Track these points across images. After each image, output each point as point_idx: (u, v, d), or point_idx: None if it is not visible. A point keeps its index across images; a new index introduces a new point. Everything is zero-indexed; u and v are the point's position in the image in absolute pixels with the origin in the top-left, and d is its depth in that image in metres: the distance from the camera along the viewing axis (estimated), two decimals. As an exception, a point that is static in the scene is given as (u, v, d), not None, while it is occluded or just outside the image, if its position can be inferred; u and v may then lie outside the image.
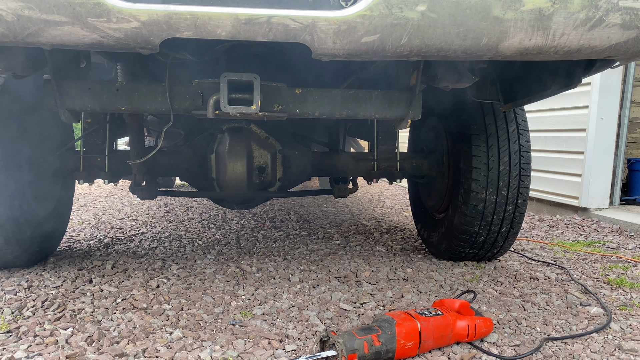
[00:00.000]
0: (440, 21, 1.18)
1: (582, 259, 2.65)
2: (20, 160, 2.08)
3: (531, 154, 2.27)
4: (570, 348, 1.51)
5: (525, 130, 2.27)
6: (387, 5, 1.14)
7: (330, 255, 2.60)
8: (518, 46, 1.24)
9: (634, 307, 1.89)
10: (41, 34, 1.17)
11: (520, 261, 2.57)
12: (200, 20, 1.16)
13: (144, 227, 3.35)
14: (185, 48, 1.71)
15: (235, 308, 1.79)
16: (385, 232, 3.28)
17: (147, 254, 2.55)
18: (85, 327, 1.59)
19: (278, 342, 1.50)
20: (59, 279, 2.08)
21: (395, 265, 2.39)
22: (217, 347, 1.46)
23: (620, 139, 4.06)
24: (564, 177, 4.27)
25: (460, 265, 2.42)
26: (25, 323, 1.61)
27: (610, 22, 1.20)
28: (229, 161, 2.24)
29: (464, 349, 1.49)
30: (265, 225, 3.50)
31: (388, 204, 4.91)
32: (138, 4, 1.13)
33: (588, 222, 3.83)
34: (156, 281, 2.07)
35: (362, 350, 1.30)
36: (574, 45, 1.25)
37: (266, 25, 1.17)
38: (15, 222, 2.03)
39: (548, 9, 1.18)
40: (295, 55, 1.74)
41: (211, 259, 2.47)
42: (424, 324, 1.41)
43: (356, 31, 1.18)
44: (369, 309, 1.80)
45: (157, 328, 1.59)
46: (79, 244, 2.79)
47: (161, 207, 4.33)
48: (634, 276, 2.31)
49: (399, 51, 1.24)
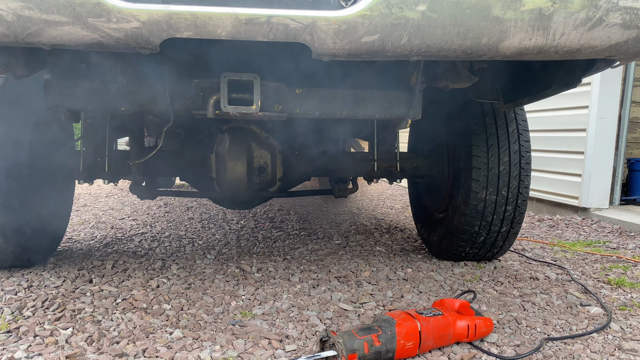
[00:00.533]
0: (440, 21, 1.18)
1: (582, 259, 2.65)
2: (20, 160, 2.08)
3: (531, 154, 2.27)
4: (570, 348, 1.51)
5: (525, 130, 2.27)
6: (387, 5, 1.14)
7: (330, 255, 2.59)
8: (518, 46, 1.24)
9: (634, 307, 1.89)
10: (41, 34, 1.17)
11: (520, 261, 2.57)
12: (200, 20, 1.16)
13: (144, 227, 3.35)
14: (186, 48, 1.71)
15: (235, 308, 1.79)
16: (385, 232, 3.28)
17: (147, 254, 2.55)
18: (85, 327, 1.58)
19: (278, 342, 1.50)
20: (59, 279, 2.08)
21: (395, 265, 2.39)
22: (217, 347, 1.46)
23: (620, 139, 4.06)
24: (564, 177, 4.27)
25: (460, 265, 2.42)
26: (25, 323, 1.61)
27: (610, 22, 1.20)
28: (229, 161, 2.24)
29: (464, 349, 1.49)
30: (265, 225, 3.50)
31: (388, 204, 4.91)
32: (138, 4, 1.13)
33: (588, 222, 3.83)
34: (156, 281, 2.06)
35: (362, 350, 1.30)
36: (574, 45, 1.25)
37: (266, 25, 1.17)
38: (15, 222, 2.03)
39: (548, 9, 1.18)
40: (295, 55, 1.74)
41: (211, 259, 2.47)
42: (424, 324, 1.41)
43: (356, 31, 1.18)
44: (369, 309, 1.80)
45: (157, 328, 1.59)
46: (79, 244, 2.79)
47: (161, 207, 4.33)
48: (634, 276, 2.30)
49: (399, 51, 1.24)
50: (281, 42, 1.24)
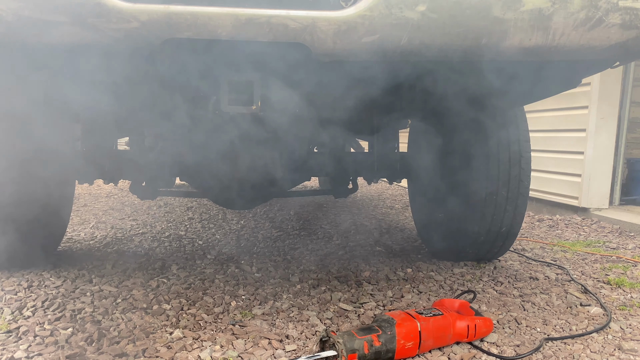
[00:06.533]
0: (440, 21, 1.18)
1: (582, 259, 2.65)
2: (19, 159, 2.08)
3: (531, 154, 2.26)
4: (570, 348, 1.52)
5: (525, 130, 2.27)
6: (387, 5, 1.14)
7: (330, 255, 2.59)
8: (518, 46, 1.24)
9: (633, 307, 1.89)
10: (41, 34, 1.17)
11: (520, 261, 2.57)
12: (200, 21, 1.16)
13: (144, 227, 3.35)
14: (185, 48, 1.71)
15: (235, 308, 1.79)
16: (385, 232, 3.28)
17: (147, 254, 2.55)
18: (85, 327, 1.59)
19: (278, 342, 1.50)
20: (59, 279, 2.08)
21: (395, 265, 2.39)
22: (217, 347, 1.46)
23: (619, 139, 4.06)
24: (564, 177, 4.27)
25: (460, 265, 2.42)
26: (25, 323, 1.61)
27: (610, 22, 1.20)
28: (229, 161, 2.23)
29: (464, 349, 1.49)
30: (265, 225, 3.50)
31: (388, 204, 4.91)
32: (138, 4, 1.13)
33: (588, 222, 3.83)
34: (156, 281, 2.07)
35: (362, 350, 1.30)
36: (574, 45, 1.25)
37: (266, 26, 1.17)
38: (14, 222, 2.03)
39: (548, 9, 1.18)
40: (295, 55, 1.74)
41: (211, 259, 2.47)
42: (424, 324, 1.41)
43: (356, 31, 1.18)
44: (369, 309, 1.80)
45: (157, 328, 1.59)
46: (79, 244, 2.79)
47: (161, 207, 4.33)
48: (633, 276, 2.31)
49: (398, 51, 1.24)
50: (281, 42, 1.24)
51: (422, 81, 1.76)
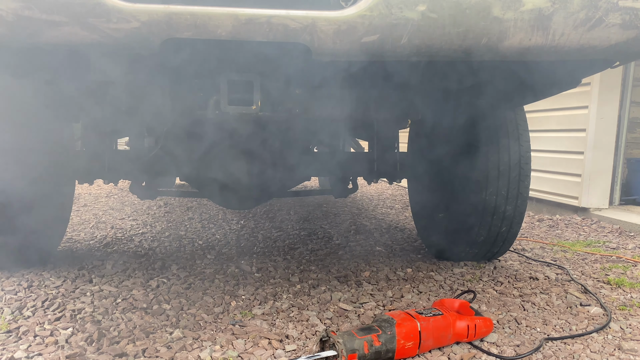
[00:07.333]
0: (440, 21, 1.18)
1: (582, 259, 2.65)
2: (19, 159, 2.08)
3: (531, 154, 2.26)
4: (570, 348, 1.52)
5: (525, 130, 2.27)
6: (387, 5, 1.14)
7: (330, 255, 2.60)
8: (518, 46, 1.24)
9: (633, 307, 1.89)
10: (41, 34, 1.17)
11: (520, 261, 2.57)
12: (200, 21, 1.16)
13: (144, 227, 3.35)
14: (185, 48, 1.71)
15: (235, 308, 1.79)
16: (385, 232, 3.28)
17: (147, 254, 2.55)
18: (85, 327, 1.59)
19: (278, 342, 1.50)
20: (59, 279, 2.08)
21: (395, 265, 2.39)
22: (217, 347, 1.46)
23: (619, 139, 4.06)
24: (564, 177, 4.27)
25: (460, 265, 2.42)
26: (25, 323, 1.61)
27: (610, 22, 1.20)
28: (229, 161, 2.23)
29: (464, 349, 1.49)
30: (265, 225, 3.50)
31: (388, 204, 4.91)
32: (138, 4, 1.13)
33: (588, 222, 3.83)
34: (156, 281, 2.07)
35: (362, 350, 1.30)
36: (574, 45, 1.25)
37: (266, 26, 1.17)
38: (14, 222, 2.03)
39: (548, 9, 1.18)
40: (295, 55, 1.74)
41: (211, 259, 2.47)
42: (423, 324, 1.41)
43: (356, 31, 1.18)
44: (369, 309, 1.80)
45: (157, 328, 1.59)
46: (79, 244, 2.79)
47: (161, 207, 4.33)
48: (633, 276, 2.31)
49: (398, 51, 1.24)
50: (281, 42, 1.24)
51: (422, 81, 1.77)
